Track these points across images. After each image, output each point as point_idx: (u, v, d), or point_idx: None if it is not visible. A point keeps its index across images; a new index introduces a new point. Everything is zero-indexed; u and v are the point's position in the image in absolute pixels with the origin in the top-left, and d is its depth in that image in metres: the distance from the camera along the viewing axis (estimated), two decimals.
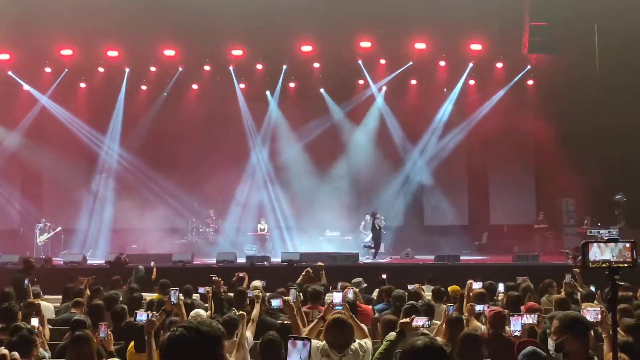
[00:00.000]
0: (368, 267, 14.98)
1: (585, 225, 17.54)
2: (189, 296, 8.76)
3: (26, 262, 11.28)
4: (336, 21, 16.22)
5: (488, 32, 17.03)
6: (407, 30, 17.10)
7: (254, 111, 20.23)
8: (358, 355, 4.68)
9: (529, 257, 15.80)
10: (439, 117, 19.91)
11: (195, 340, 2.20)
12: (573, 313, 3.79)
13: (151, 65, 19.20)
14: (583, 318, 3.64)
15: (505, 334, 5.54)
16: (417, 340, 2.70)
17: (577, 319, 3.49)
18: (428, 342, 2.67)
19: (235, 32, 16.67)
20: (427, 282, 9.74)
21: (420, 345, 2.66)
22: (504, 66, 18.98)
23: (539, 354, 4.33)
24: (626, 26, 14.91)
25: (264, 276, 11.09)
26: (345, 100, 20.10)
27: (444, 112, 19.89)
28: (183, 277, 11.54)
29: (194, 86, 20.19)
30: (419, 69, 19.03)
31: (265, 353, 4.73)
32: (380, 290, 8.83)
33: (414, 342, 2.71)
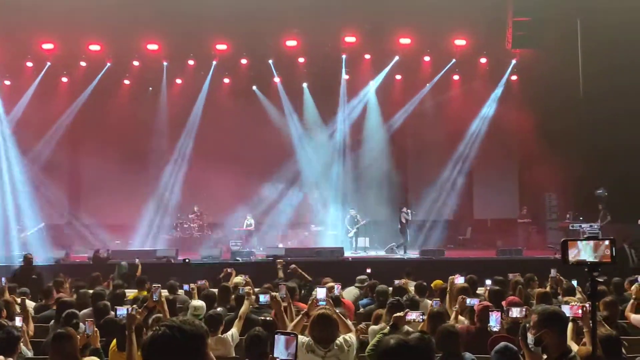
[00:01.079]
0: (353, 262, 15.00)
1: (568, 220, 17.70)
2: (173, 292, 8.74)
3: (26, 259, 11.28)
4: (321, 16, 16.17)
5: (472, 27, 17.10)
6: (393, 25, 17.10)
7: (238, 106, 20.12)
8: (343, 349, 4.69)
9: (513, 251, 15.93)
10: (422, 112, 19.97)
11: (179, 340, 2.17)
12: (551, 307, 3.84)
13: (134, 59, 19.01)
14: (561, 312, 3.68)
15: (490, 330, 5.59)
16: (390, 340, 2.71)
17: (555, 313, 3.54)
18: (401, 341, 2.68)
19: (219, 26, 16.57)
20: (405, 277, 9.76)
21: (393, 344, 2.67)
22: (487, 62, 19.07)
23: (511, 349, 4.39)
24: (608, 21, 15.03)
25: (249, 271, 11.06)
26: (330, 95, 20.07)
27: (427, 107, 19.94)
28: (168, 274, 11.50)
29: (177, 80, 20.04)
30: (403, 64, 19.07)
31: (250, 349, 4.73)
32: (365, 285, 8.86)
33: (387, 341, 2.73)
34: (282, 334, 2.98)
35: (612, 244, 2.76)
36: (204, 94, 19.64)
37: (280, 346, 2.99)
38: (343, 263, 14.88)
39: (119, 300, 7.60)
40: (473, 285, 8.26)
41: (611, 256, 2.75)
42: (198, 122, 19.72)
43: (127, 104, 19.74)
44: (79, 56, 18.67)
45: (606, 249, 2.76)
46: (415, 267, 12.39)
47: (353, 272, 10.73)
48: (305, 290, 8.03)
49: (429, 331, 5.45)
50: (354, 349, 4.80)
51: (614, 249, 2.77)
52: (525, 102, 18.48)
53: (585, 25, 15.88)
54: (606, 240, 2.76)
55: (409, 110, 19.94)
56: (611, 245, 2.76)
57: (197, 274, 11.38)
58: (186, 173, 18.95)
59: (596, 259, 2.78)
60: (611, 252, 2.75)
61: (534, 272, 9.52)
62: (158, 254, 15.59)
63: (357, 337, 5.19)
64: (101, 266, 13.57)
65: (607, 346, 4.56)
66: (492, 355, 4.48)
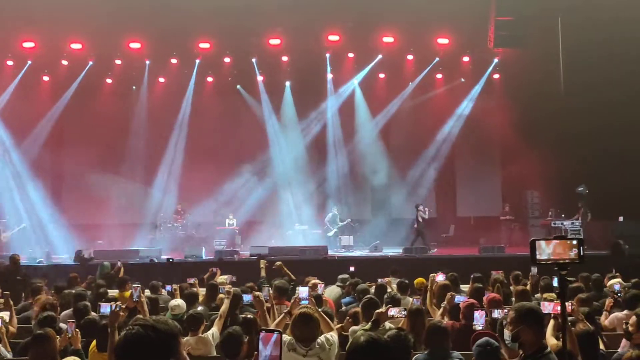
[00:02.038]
0: (336, 261, 15.03)
1: (550, 217, 17.89)
2: (155, 292, 8.72)
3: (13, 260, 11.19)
4: (304, 14, 16.16)
5: (455, 26, 17.19)
6: (376, 24, 17.14)
7: (220, 104, 20.08)
8: (324, 348, 4.70)
9: (495, 248, 16.05)
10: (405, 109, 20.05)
11: (152, 338, 2.18)
12: (528, 304, 3.89)
13: (116, 58, 18.88)
14: (537, 309, 3.74)
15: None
16: (360, 337, 2.75)
17: (531, 310, 3.60)
18: (370, 339, 2.71)
19: (202, 25, 16.50)
20: (391, 275, 9.82)
21: (362, 341, 2.70)
22: (470, 60, 19.19)
23: (492, 343, 4.47)
24: (589, 20, 15.19)
25: (233, 271, 11.06)
26: (313, 93, 20.08)
27: (410, 106, 20.03)
28: (151, 273, 11.46)
29: (160, 79, 19.94)
30: (387, 63, 19.14)
31: (225, 347, 4.76)
32: (348, 283, 8.89)
33: (357, 338, 2.76)
34: (266, 331, 2.98)
35: (580, 243, 2.81)
36: (189, 93, 19.53)
37: (264, 344, 2.99)
38: (327, 262, 14.89)
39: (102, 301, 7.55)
40: (455, 283, 8.32)
41: (579, 255, 2.80)
42: (182, 121, 19.63)
43: (109, 103, 19.59)
44: (60, 55, 18.49)
45: (574, 248, 2.81)
46: (398, 265, 12.44)
47: (337, 270, 10.77)
48: (289, 290, 8.03)
49: (408, 328, 5.50)
50: (335, 348, 4.82)
51: (582, 248, 2.82)
52: (507, 101, 18.63)
53: (566, 24, 16.03)
54: (574, 240, 2.81)
55: (393, 109, 20.02)
56: (579, 245, 2.81)
57: (181, 274, 11.35)
58: (170, 172, 18.84)
59: (565, 258, 2.83)
60: (579, 252, 2.80)
61: (516, 270, 9.63)
62: (141, 253, 15.50)
63: (338, 335, 5.22)
64: (84, 266, 13.51)
65: (584, 342, 4.63)
66: (473, 349, 4.54)
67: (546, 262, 2.85)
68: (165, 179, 19.02)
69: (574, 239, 2.79)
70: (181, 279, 10.02)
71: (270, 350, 2.90)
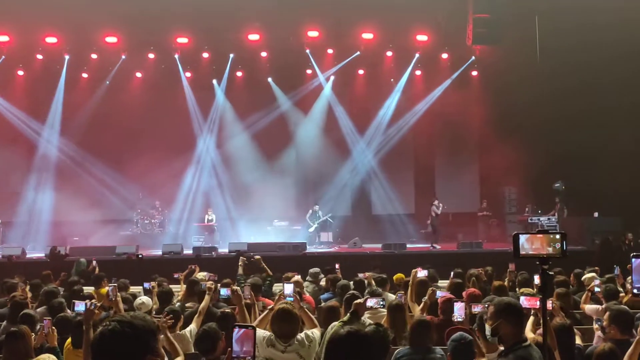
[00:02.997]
0: (315, 257, 15.01)
1: (527, 213, 18.07)
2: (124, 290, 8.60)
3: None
4: (283, 10, 16.11)
5: (434, 23, 17.27)
6: (355, 20, 17.14)
7: (200, 100, 19.93)
8: (304, 344, 4.67)
9: (473, 244, 16.16)
10: (386, 107, 20.08)
11: (129, 334, 2.15)
12: (506, 299, 3.91)
13: (92, 52, 18.62)
14: (515, 303, 3.76)
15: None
16: (341, 329, 2.74)
17: (509, 304, 3.62)
18: (352, 331, 2.71)
19: (180, 19, 16.36)
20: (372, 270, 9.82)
21: (343, 333, 2.70)
22: (449, 57, 19.29)
23: (465, 337, 4.50)
24: (566, 18, 15.34)
25: (211, 267, 10.98)
26: (293, 89, 20.06)
27: (391, 103, 20.07)
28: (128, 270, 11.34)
29: (137, 74, 19.72)
30: (366, 59, 19.15)
31: (200, 344, 4.72)
32: (326, 279, 8.89)
33: (338, 330, 2.75)
34: (240, 327, 2.95)
35: (562, 237, 2.82)
36: (166, 88, 19.34)
37: (238, 339, 2.96)
38: (306, 258, 14.87)
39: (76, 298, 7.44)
40: (433, 279, 8.35)
41: (562, 250, 2.81)
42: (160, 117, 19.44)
43: (85, 97, 19.32)
44: (35, 49, 18.19)
45: (556, 243, 2.82)
46: (378, 260, 12.48)
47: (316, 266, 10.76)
48: (265, 285, 8.00)
49: (388, 324, 5.50)
50: (317, 345, 4.79)
51: (564, 242, 2.83)
52: (485, 98, 18.75)
53: (543, 22, 16.18)
54: (557, 234, 2.81)
55: (373, 105, 20.05)
56: (562, 239, 2.81)
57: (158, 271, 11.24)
58: (147, 168, 18.62)
59: (547, 253, 2.84)
60: (561, 246, 2.81)
61: (493, 265, 9.70)
62: (118, 250, 15.33)
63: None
64: (59, 263, 13.32)
65: (560, 335, 4.68)
66: (448, 344, 4.56)
67: (528, 256, 2.85)
68: (143, 174, 18.78)
69: (557, 234, 2.79)
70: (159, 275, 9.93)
71: (243, 346, 2.87)
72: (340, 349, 2.69)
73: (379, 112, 20.15)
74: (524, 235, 2.88)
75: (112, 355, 2.15)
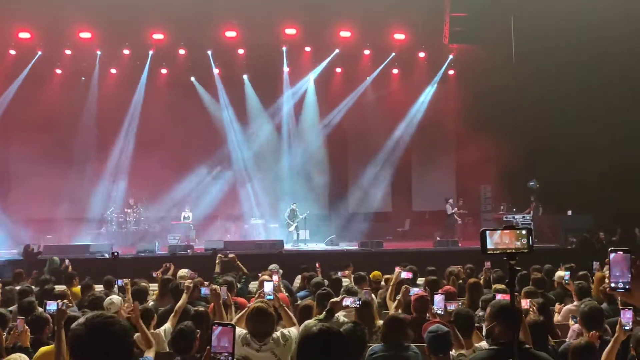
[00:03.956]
0: (293, 255, 14.99)
1: (502, 211, 18.24)
2: (109, 288, 8.50)
3: None
4: (261, 7, 16.04)
5: (411, 22, 17.34)
6: (333, 18, 17.15)
7: (177, 96, 19.74)
8: (279, 343, 4.65)
9: (449, 242, 16.27)
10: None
11: (104, 333, 2.16)
12: (503, 301, 4.00)
13: (66, 48, 18.35)
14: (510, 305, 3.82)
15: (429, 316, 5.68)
16: (313, 327, 2.74)
17: (504, 307, 3.70)
18: (323, 328, 2.71)
19: (155, 15, 16.20)
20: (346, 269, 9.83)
21: (315, 331, 2.70)
22: (426, 56, 19.38)
23: (442, 328, 4.55)
24: (541, 19, 15.52)
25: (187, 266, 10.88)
26: (270, 87, 19.96)
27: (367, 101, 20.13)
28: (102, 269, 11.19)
29: (112, 70, 19.48)
30: (344, 57, 19.17)
31: (176, 343, 4.68)
32: (302, 277, 8.88)
33: (310, 327, 2.75)
34: (219, 324, 2.92)
35: (529, 233, 2.86)
36: (141, 85, 19.16)
37: (217, 337, 2.92)
38: (283, 256, 14.83)
39: (48, 297, 7.32)
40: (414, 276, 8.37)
41: (528, 245, 2.85)
42: (135, 114, 19.24)
43: (59, 94, 19.02)
44: (8, 44, 17.88)
45: (523, 238, 2.86)
46: (354, 258, 12.49)
47: (293, 264, 10.76)
48: (241, 284, 7.95)
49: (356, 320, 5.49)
50: (293, 343, 4.76)
51: (531, 238, 2.87)
52: (461, 97, 18.88)
53: (519, 22, 16.35)
54: (524, 230, 2.85)
55: (349, 103, 20.08)
56: (528, 234, 2.85)
57: (133, 270, 11.13)
58: (121, 166, 18.45)
59: (514, 248, 2.88)
60: (528, 241, 2.85)
61: (469, 263, 9.76)
62: (92, 249, 15.15)
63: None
64: (32, 262, 13.11)
65: (534, 332, 4.73)
66: (425, 335, 4.57)
67: (495, 251, 2.89)
68: (117, 172, 18.59)
69: (523, 229, 2.85)
70: (133, 274, 9.82)
71: (222, 344, 2.84)
72: (312, 346, 2.68)
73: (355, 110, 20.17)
74: (491, 231, 2.92)
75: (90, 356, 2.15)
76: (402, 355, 4.77)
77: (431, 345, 4.51)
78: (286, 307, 5.41)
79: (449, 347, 4.56)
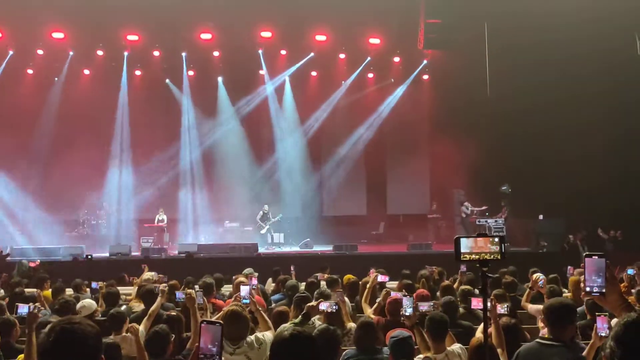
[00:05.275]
0: (267, 258, 14.96)
1: (475, 215, 18.41)
2: (78, 291, 8.41)
3: None
4: (237, 9, 16.00)
5: (386, 27, 17.46)
6: (309, 22, 17.19)
7: (151, 98, 19.56)
8: (253, 347, 4.63)
9: (423, 245, 16.38)
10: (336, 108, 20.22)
11: (74, 339, 2.14)
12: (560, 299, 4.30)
13: (38, 48, 18.09)
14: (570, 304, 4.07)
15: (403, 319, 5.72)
16: (285, 331, 2.77)
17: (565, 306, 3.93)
18: (295, 332, 2.74)
19: (130, 16, 16.06)
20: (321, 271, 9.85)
21: (286, 335, 2.73)
22: (401, 61, 19.54)
23: (403, 333, 4.60)
24: (513, 25, 15.72)
25: (160, 268, 10.83)
26: (245, 89, 19.92)
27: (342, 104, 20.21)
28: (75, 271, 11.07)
29: (85, 71, 19.25)
30: (319, 61, 19.22)
31: (150, 346, 4.63)
32: (277, 280, 8.87)
33: (281, 331, 2.77)
34: (208, 323, 2.91)
35: (501, 240, 2.93)
36: (116, 86, 18.97)
37: (205, 336, 2.91)
38: (258, 259, 14.80)
39: (18, 300, 7.21)
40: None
41: (500, 252, 2.92)
42: (109, 115, 19.04)
43: (30, 94, 18.73)
44: None
45: (495, 245, 2.93)
46: (329, 262, 12.51)
47: (268, 268, 10.74)
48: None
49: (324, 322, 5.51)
50: (267, 348, 4.76)
51: (503, 245, 2.94)
52: (435, 101, 19.07)
53: (492, 28, 16.56)
54: (496, 238, 2.93)
55: (324, 106, 20.13)
56: (500, 242, 2.93)
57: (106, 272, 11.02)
58: (94, 167, 18.20)
59: (487, 254, 2.94)
60: (500, 248, 2.92)
61: (442, 266, 9.85)
62: (63, 252, 14.93)
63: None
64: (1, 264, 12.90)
65: (507, 335, 4.80)
66: (389, 341, 4.61)
67: (470, 258, 2.96)
68: (91, 174, 18.33)
69: (495, 237, 2.93)
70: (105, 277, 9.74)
71: (211, 343, 2.83)
72: (283, 350, 2.70)
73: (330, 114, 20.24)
74: (465, 238, 2.99)
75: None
76: (377, 359, 4.80)
77: (393, 351, 4.54)
78: (262, 311, 5.41)
79: (411, 352, 4.59)
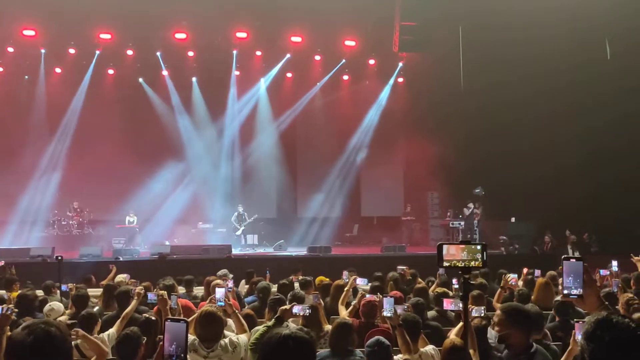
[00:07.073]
0: (241, 260, 14.87)
1: (448, 217, 18.57)
2: (48, 293, 8.26)
3: None
4: (212, 9, 15.91)
5: (361, 29, 17.53)
6: (284, 23, 17.18)
7: (123, 98, 19.32)
8: (227, 350, 4.60)
9: (397, 247, 16.44)
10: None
11: (42, 341, 2.13)
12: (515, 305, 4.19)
13: (8, 45, 17.76)
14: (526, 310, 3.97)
15: (377, 322, 5.73)
16: (275, 333, 2.72)
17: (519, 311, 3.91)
18: (289, 333, 2.70)
19: (103, 14, 15.88)
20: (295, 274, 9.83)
21: (279, 337, 2.67)
22: (376, 63, 19.63)
23: (382, 342, 4.60)
24: (488, 27, 15.90)
25: (131, 270, 10.67)
26: (220, 90, 19.81)
27: (317, 106, 20.23)
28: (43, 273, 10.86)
29: (57, 69, 18.96)
30: (294, 63, 19.22)
31: (120, 349, 4.57)
32: (250, 282, 8.83)
33: (274, 334, 2.73)
34: (172, 320, 2.86)
35: (484, 248, 2.97)
36: (84, 85, 18.70)
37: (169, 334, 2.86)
38: (231, 261, 14.70)
39: None
40: None
41: (482, 260, 2.95)
42: (78, 115, 18.75)
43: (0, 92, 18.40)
44: None
45: (478, 253, 2.96)
46: (303, 263, 12.51)
47: (241, 269, 10.68)
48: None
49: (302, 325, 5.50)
50: (242, 350, 4.72)
51: (485, 253, 2.96)
52: (410, 104, 19.19)
53: (466, 31, 16.73)
54: (479, 245, 2.96)
55: (299, 108, 20.16)
56: (483, 250, 2.96)
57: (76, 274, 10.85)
58: (65, 167, 17.91)
59: (469, 263, 2.98)
60: (482, 256, 2.95)
61: (416, 268, 9.90)
62: (32, 252, 14.64)
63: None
64: None
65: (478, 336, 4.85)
66: (365, 349, 4.61)
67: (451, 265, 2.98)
68: (61, 174, 18.03)
69: (478, 244, 2.95)
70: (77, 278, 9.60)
71: (175, 341, 2.80)
72: (278, 352, 2.64)
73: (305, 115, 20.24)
74: (447, 245, 3.01)
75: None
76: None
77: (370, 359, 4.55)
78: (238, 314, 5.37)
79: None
